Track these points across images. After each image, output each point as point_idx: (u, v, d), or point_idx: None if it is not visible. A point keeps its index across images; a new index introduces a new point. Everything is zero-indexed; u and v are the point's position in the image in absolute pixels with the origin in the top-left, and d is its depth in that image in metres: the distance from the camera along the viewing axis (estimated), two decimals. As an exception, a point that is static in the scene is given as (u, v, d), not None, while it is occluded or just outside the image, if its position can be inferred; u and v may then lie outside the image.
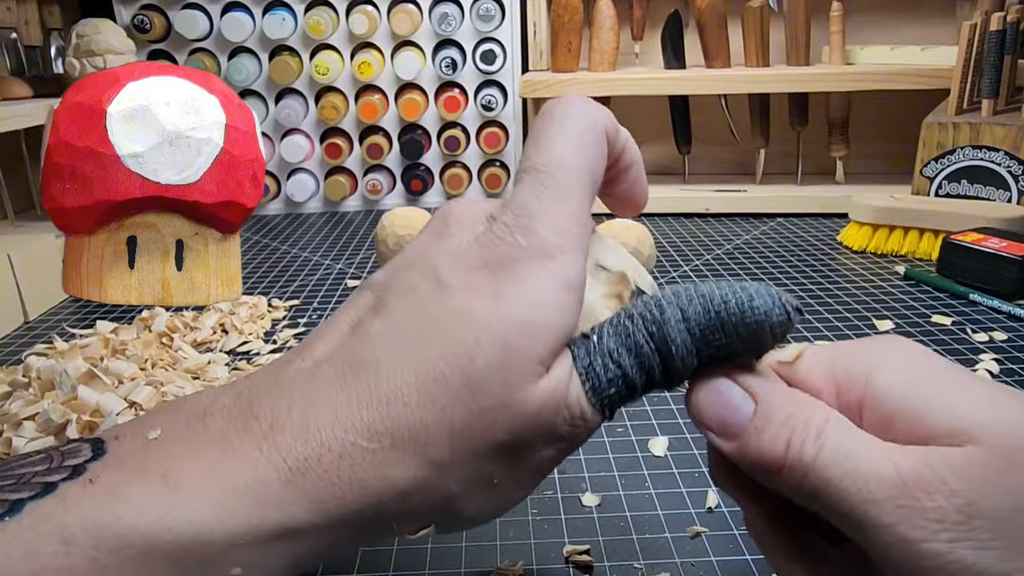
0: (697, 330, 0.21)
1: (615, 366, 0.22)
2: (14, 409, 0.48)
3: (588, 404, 0.22)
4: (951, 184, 0.85)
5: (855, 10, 1.08)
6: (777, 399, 0.21)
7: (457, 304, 0.21)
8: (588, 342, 0.22)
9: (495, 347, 0.20)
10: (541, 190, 0.22)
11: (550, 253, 0.21)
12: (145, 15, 1.04)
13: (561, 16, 1.01)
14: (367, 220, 1.09)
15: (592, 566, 0.35)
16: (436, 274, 0.22)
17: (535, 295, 0.20)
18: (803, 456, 0.20)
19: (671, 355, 0.22)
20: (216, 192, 0.40)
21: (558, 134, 0.23)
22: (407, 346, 0.21)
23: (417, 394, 0.20)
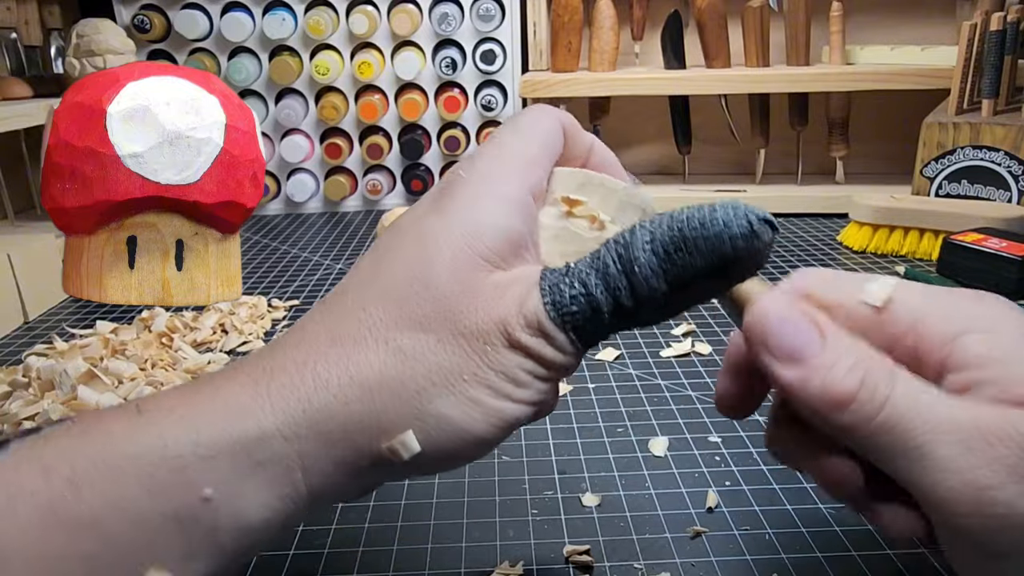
0: (661, 249, 0.22)
1: (580, 285, 0.22)
2: (14, 409, 0.48)
3: (546, 317, 0.22)
4: (951, 184, 0.85)
5: (855, 10, 1.08)
6: (846, 340, 0.21)
7: (410, 228, 0.24)
8: (564, 268, 0.23)
9: (445, 246, 0.23)
10: (487, 145, 0.25)
11: (488, 177, 0.24)
12: (145, 15, 1.04)
13: (561, 16, 1.01)
14: (367, 220, 1.09)
15: (592, 566, 0.35)
16: (396, 225, 0.25)
17: (477, 205, 0.23)
18: (877, 393, 0.19)
19: (634, 273, 0.22)
20: (216, 192, 0.40)
21: (513, 119, 0.27)
22: (365, 273, 0.24)
23: (378, 301, 0.23)
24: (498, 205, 0.23)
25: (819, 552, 0.35)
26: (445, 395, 0.22)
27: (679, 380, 0.53)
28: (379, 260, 0.24)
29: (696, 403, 0.50)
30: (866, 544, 0.35)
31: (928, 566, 0.34)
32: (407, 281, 0.23)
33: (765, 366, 0.21)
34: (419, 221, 0.24)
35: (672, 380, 0.53)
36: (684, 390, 0.52)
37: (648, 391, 0.52)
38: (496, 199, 0.23)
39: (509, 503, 0.40)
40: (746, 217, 0.21)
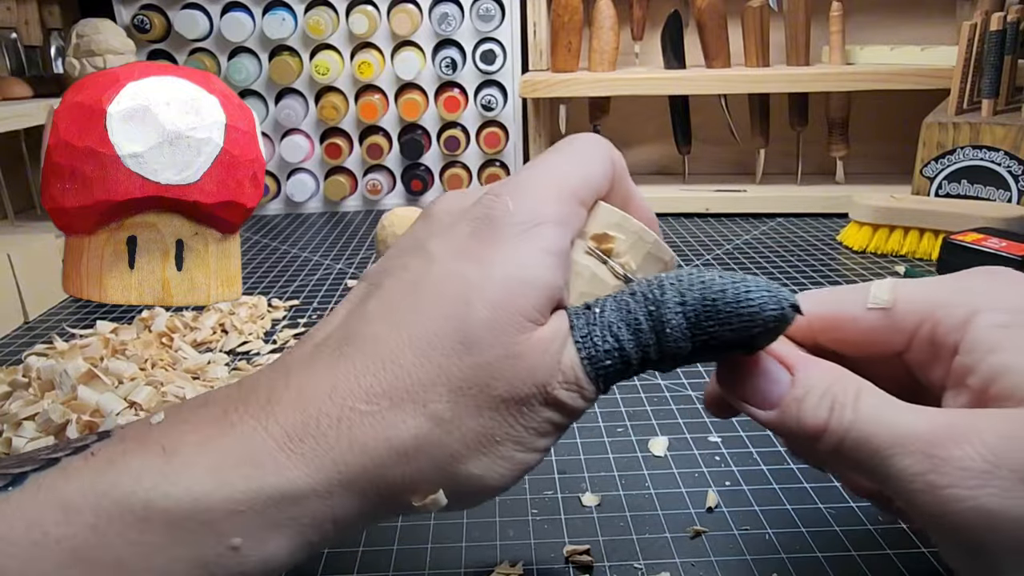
0: (693, 315, 0.22)
1: (613, 339, 0.22)
2: (14, 409, 0.48)
3: (583, 372, 0.22)
4: (951, 184, 0.85)
5: (855, 10, 1.08)
6: (812, 370, 0.22)
7: (447, 270, 0.22)
8: (589, 313, 0.23)
9: (485, 304, 0.21)
10: (536, 174, 0.24)
11: (535, 220, 0.22)
12: (145, 15, 1.04)
13: (561, 16, 1.01)
14: (367, 220, 1.09)
15: (592, 566, 0.35)
16: (426, 251, 0.23)
17: (520, 257, 0.22)
18: (843, 419, 0.21)
19: (664, 335, 0.22)
20: (216, 192, 0.41)
21: (566, 144, 0.25)
22: (401, 314, 0.22)
23: (413, 355, 0.21)
24: (542, 259, 0.22)
25: (819, 552, 0.35)
26: (478, 457, 0.22)
27: (679, 380, 0.53)
28: (415, 301, 0.22)
29: (696, 403, 0.50)
30: (866, 544, 0.35)
31: (928, 566, 0.34)
32: (446, 338, 0.21)
33: (749, 414, 0.23)
34: (457, 262, 0.22)
35: (672, 380, 0.53)
36: (684, 390, 0.52)
37: (648, 391, 0.52)
38: (541, 251, 0.22)
39: (509, 503, 0.40)
40: (779, 303, 0.22)
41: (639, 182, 1.25)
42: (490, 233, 0.22)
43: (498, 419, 0.22)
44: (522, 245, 0.22)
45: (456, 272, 0.22)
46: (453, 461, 0.21)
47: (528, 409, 0.22)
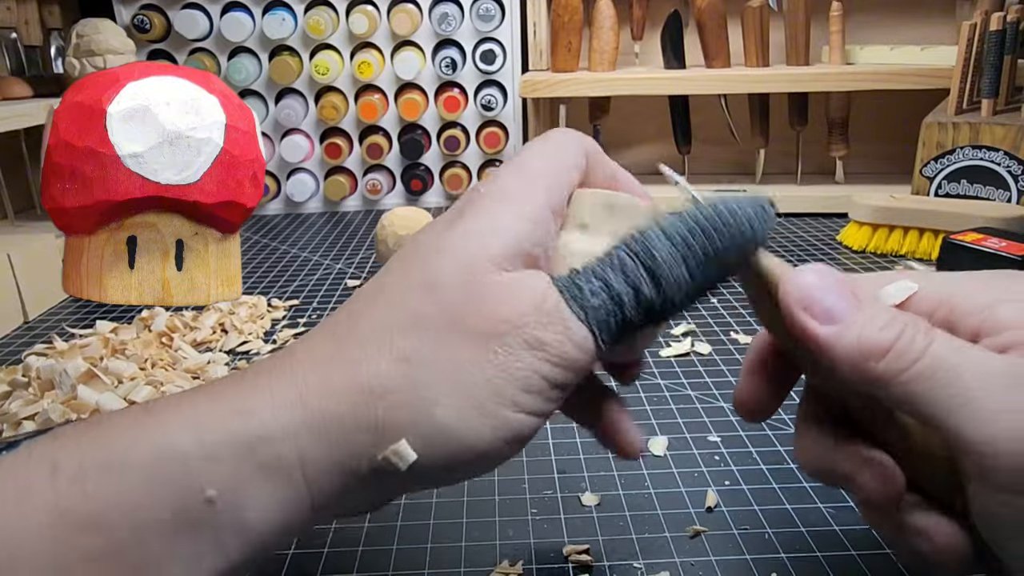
0: (678, 236, 0.22)
1: (598, 280, 0.22)
2: (14, 409, 0.48)
3: (569, 312, 0.22)
4: (951, 184, 0.85)
5: (855, 10, 1.08)
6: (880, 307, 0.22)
7: (425, 242, 0.24)
8: (573, 270, 0.23)
9: (450, 251, 0.22)
10: (508, 164, 0.25)
11: (506, 192, 0.24)
12: (145, 15, 1.04)
13: (561, 16, 1.01)
14: (367, 220, 1.09)
15: (592, 566, 0.35)
16: (414, 239, 0.24)
17: (487, 217, 0.23)
18: (915, 343, 0.20)
19: (654, 261, 0.22)
20: (216, 192, 0.41)
21: (537, 140, 0.26)
22: (378, 285, 0.23)
23: (384, 305, 0.22)
24: (513, 216, 0.23)
25: (819, 552, 0.35)
26: (448, 402, 0.21)
27: (679, 380, 0.53)
28: (388, 270, 0.24)
29: (696, 403, 0.50)
30: (866, 544, 0.35)
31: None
32: (412, 285, 0.22)
33: (802, 326, 0.22)
34: (434, 235, 0.24)
35: (672, 380, 0.53)
36: (684, 390, 0.52)
37: (648, 391, 0.52)
38: (512, 212, 0.23)
39: (509, 502, 0.40)
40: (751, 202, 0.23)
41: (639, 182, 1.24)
42: (465, 209, 0.24)
43: (467, 357, 0.21)
44: (495, 209, 0.23)
45: (431, 240, 0.23)
46: (424, 406, 0.21)
47: (504, 350, 0.21)
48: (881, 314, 0.21)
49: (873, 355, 0.20)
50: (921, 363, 0.20)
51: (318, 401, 0.21)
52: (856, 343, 0.21)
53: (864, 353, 0.21)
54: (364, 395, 0.21)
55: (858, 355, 0.21)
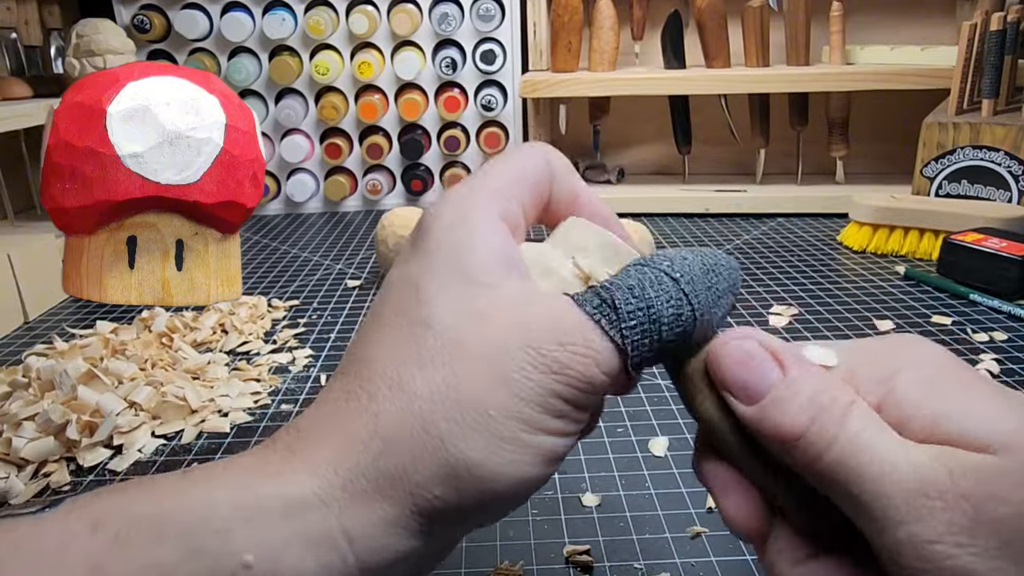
0: (700, 266, 0.22)
1: (636, 299, 0.21)
2: (14, 409, 0.48)
3: (597, 333, 0.21)
4: (951, 184, 0.85)
5: (855, 10, 1.08)
6: (804, 373, 0.21)
7: (397, 279, 0.23)
8: (595, 287, 0.22)
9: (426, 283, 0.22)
10: (462, 182, 0.24)
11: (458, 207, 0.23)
12: (145, 15, 1.04)
13: (561, 16, 1.01)
14: (367, 220, 1.09)
15: (592, 566, 0.35)
16: (393, 276, 0.23)
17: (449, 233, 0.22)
18: (824, 433, 0.19)
19: (694, 285, 0.22)
20: (216, 192, 0.40)
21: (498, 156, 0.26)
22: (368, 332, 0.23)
23: (379, 349, 0.22)
24: (471, 226, 0.22)
25: (819, 552, 0.35)
26: (471, 437, 0.20)
27: (679, 380, 0.53)
28: (378, 315, 0.23)
29: (696, 403, 0.50)
30: None
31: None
32: (402, 321, 0.21)
33: (727, 400, 0.22)
34: (403, 269, 0.23)
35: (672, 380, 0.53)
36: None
37: (648, 391, 0.52)
38: (468, 223, 0.22)
39: (509, 503, 0.40)
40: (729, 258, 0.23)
41: (639, 182, 1.24)
42: (421, 232, 0.23)
43: (480, 387, 0.20)
44: (452, 224, 0.22)
45: (402, 276, 0.23)
46: (444, 442, 0.20)
47: (519, 375, 0.20)
48: (803, 390, 0.20)
49: (787, 441, 0.20)
50: (829, 456, 0.19)
51: (346, 459, 0.20)
52: (773, 428, 0.20)
53: (779, 438, 0.20)
54: (386, 443, 0.20)
55: (775, 439, 0.20)
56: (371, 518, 0.20)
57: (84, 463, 0.45)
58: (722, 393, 0.22)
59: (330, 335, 0.64)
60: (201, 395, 0.52)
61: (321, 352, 0.61)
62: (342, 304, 0.72)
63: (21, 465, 0.45)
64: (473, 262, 0.22)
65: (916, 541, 0.18)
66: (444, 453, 0.20)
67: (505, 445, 0.20)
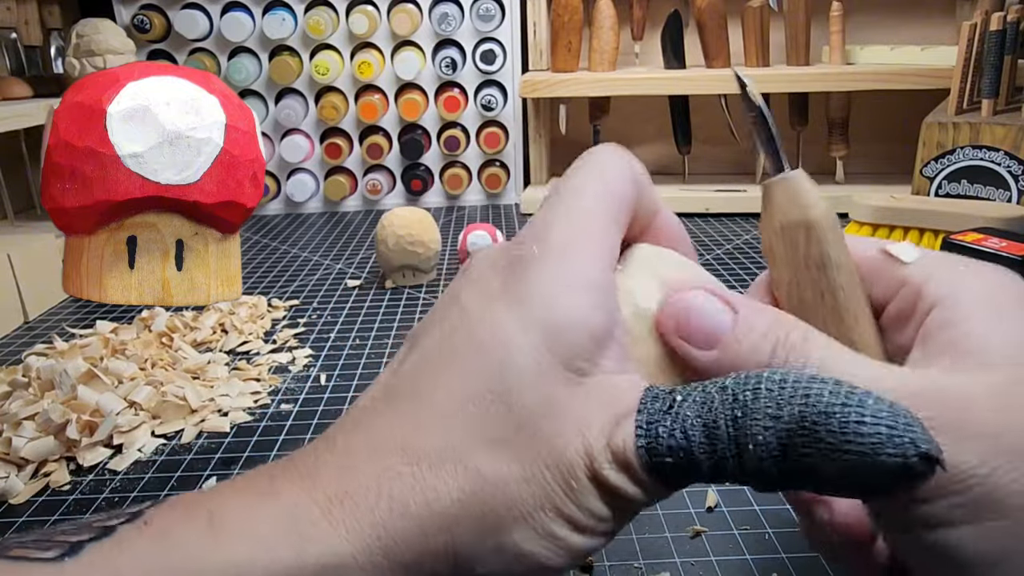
0: (786, 435, 0.17)
1: (682, 436, 0.19)
2: (14, 409, 0.48)
3: (635, 457, 0.19)
4: (951, 184, 0.85)
5: (855, 10, 1.08)
6: (756, 312, 0.21)
7: (479, 319, 0.21)
8: (668, 398, 0.20)
9: (518, 355, 0.20)
10: (558, 205, 0.22)
11: (565, 254, 0.21)
12: (145, 15, 1.04)
13: (561, 16, 1.01)
14: (367, 220, 1.09)
15: (592, 566, 0.35)
16: (459, 304, 0.22)
17: (552, 298, 0.20)
18: (790, 357, 0.19)
19: (749, 453, 0.18)
20: (216, 192, 0.41)
21: (581, 166, 0.23)
22: (437, 369, 0.21)
23: (450, 410, 0.20)
24: (578, 295, 0.20)
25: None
26: (525, 529, 0.19)
27: (679, 380, 0.53)
28: (450, 354, 0.21)
29: (696, 403, 0.50)
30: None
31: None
32: (482, 389, 0.20)
33: (685, 356, 0.21)
34: (490, 309, 0.21)
35: (672, 380, 0.53)
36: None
37: (648, 391, 0.52)
38: (575, 287, 0.20)
39: (509, 503, 0.40)
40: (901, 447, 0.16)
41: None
42: (519, 276, 0.21)
43: (543, 484, 0.19)
44: (556, 282, 0.20)
45: (488, 320, 0.20)
46: (498, 530, 0.19)
47: (576, 482, 0.20)
48: (755, 327, 0.20)
49: None
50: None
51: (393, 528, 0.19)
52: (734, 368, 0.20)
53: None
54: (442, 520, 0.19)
55: None
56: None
57: (84, 463, 0.45)
58: (675, 346, 0.21)
59: (330, 335, 0.64)
60: (201, 395, 0.52)
61: (321, 352, 0.61)
62: (342, 304, 0.72)
63: (21, 465, 0.45)
64: (575, 336, 0.20)
65: None
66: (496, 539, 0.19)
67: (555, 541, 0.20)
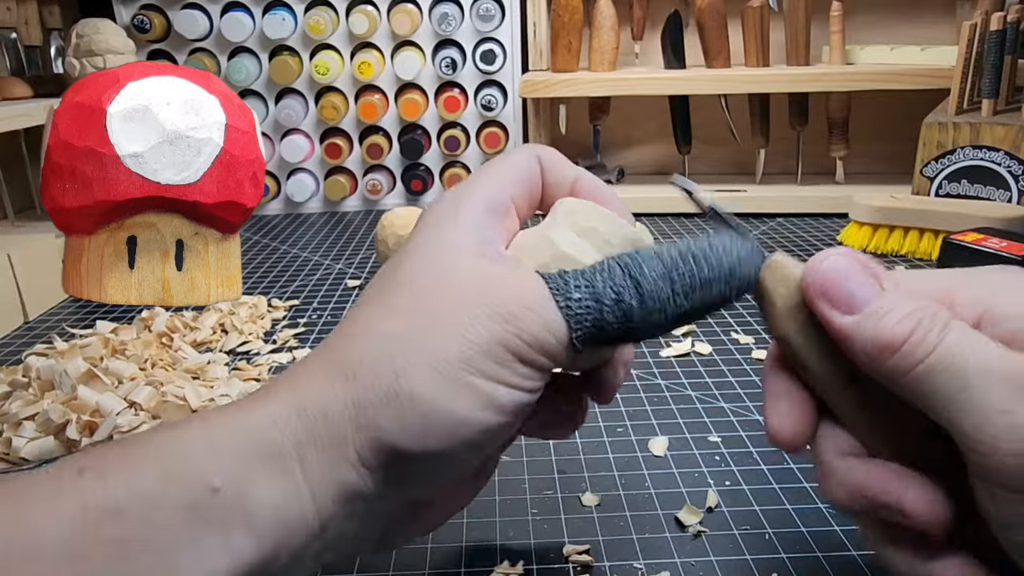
0: (668, 259, 0.24)
1: (584, 279, 0.24)
2: (14, 409, 0.48)
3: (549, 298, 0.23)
4: (951, 184, 0.85)
5: (855, 10, 1.08)
6: (902, 293, 0.22)
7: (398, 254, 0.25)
8: (562, 271, 0.24)
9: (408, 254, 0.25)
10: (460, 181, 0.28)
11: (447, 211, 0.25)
12: (145, 15, 1.04)
13: (561, 16, 1.01)
14: (367, 220, 1.09)
15: (592, 566, 0.35)
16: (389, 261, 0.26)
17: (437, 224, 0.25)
18: (928, 338, 0.20)
19: (642, 275, 0.23)
20: (216, 192, 0.40)
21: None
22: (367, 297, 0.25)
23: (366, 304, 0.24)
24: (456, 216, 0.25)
25: (819, 552, 0.35)
26: (421, 373, 0.22)
27: (679, 380, 0.53)
28: (365, 291, 0.25)
29: (696, 403, 0.50)
30: (866, 544, 0.35)
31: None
32: (383, 289, 0.24)
33: (823, 316, 0.22)
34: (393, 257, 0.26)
35: (672, 380, 0.53)
36: (684, 390, 0.52)
37: (648, 391, 0.52)
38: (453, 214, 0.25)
39: (509, 503, 0.40)
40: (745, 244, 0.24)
41: (639, 182, 1.23)
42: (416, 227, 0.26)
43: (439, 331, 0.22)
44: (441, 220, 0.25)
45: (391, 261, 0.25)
46: (397, 376, 0.22)
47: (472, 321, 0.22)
48: (901, 304, 0.21)
49: (888, 349, 0.21)
50: (931, 359, 0.20)
51: (306, 389, 0.22)
52: (872, 336, 0.21)
53: (879, 347, 0.21)
54: (345, 375, 0.22)
55: (874, 348, 0.21)
56: (321, 447, 0.22)
57: (84, 463, 0.45)
58: (816, 304, 0.22)
59: (330, 335, 0.64)
60: (201, 395, 0.52)
61: (321, 352, 0.61)
62: (342, 304, 0.72)
63: (21, 465, 0.45)
64: (452, 240, 0.24)
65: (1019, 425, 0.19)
66: (395, 385, 0.22)
67: (451, 383, 0.22)
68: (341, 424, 0.22)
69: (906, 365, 0.20)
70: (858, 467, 0.23)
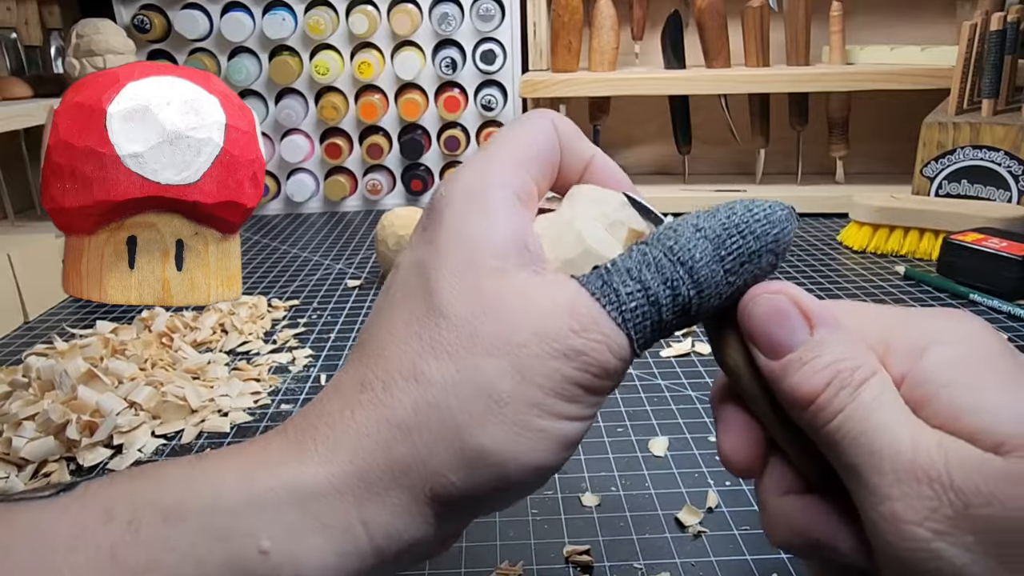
0: (715, 237, 0.21)
1: (634, 281, 0.21)
2: (14, 409, 0.48)
3: (605, 317, 0.21)
4: (951, 184, 0.85)
5: (855, 10, 1.08)
6: (830, 336, 0.21)
7: (408, 266, 0.23)
8: (599, 269, 0.22)
9: (440, 269, 0.21)
10: (470, 159, 0.24)
11: (472, 191, 0.23)
12: (145, 15, 1.04)
13: (561, 16, 1.01)
14: (367, 220, 1.09)
15: (592, 566, 0.35)
16: (396, 264, 0.24)
17: (463, 223, 0.22)
18: (835, 403, 0.20)
19: (694, 262, 0.21)
20: (216, 192, 0.40)
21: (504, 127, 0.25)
22: (380, 317, 0.23)
23: (391, 337, 0.22)
24: (484, 209, 0.22)
25: (819, 552, 0.35)
26: (488, 425, 0.20)
27: (679, 380, 0.53)
28: (389, 303, 0.22)
29: (696, 403, 0.50)
30: None
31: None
32: (415, 311, 0.21)
33: (754, 355, 0.22)
34: (414, 255, 0.23)
35: (672, 380, 0.53)
36: (684, 390, 0.52)
37: (648, 391, 0.52)
38: (480, 205, 0.22)
39: (509, 503, 0.40)
40: (779, 205, 0.22)
41: (639, 182, 1.24)
42: (434, 217, 0.23)
43: (496, 376, 0.20)
44: (466, 212, 0.22)
45: (414, 262, 0.22)
46: (460, 432, 0.20)
47: (537, 362, 0.20)
48: (825, 354, 0.20)
49: (799, 404, 0.20)
50: (834, 423, 0.20)
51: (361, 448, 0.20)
52: (789, 388, 0.20)
53: (792, 400, 0.20)
54: (401, 431, 0.20)
55: (788, 400, 0.21)
56: (387, 506, 0.20)
57: (84, 463, 0.45)
58: (748, 343, 0.22)
59: (330, 335, 0.64)
60: (201, 395, 0.52)
61: (321, 352, 0.61)
62: (342, 304, 0.72)
63: (21, 465, 0.45)
64: (486, 249, 0.21)
65: (898, 519, 0.18)
66: (460, 442, 0.20)
67: (521, 432, 0.20)
68: (407, 483, 0.20)
69: (818, 421, 0.20)
70: (795, 505, 0.22)
